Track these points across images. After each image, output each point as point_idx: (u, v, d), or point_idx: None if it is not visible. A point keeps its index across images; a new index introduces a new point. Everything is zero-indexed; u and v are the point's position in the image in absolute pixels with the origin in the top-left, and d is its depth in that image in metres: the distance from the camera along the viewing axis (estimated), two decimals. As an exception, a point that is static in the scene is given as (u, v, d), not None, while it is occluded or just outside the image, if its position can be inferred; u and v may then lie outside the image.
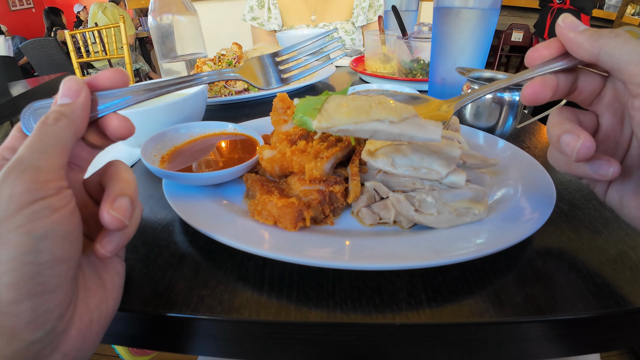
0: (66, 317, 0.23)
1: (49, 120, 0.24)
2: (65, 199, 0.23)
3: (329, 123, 0.28)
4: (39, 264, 0.21)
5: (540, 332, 0.29)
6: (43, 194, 0.21)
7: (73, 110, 0.25)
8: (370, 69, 1.00)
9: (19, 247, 0.20)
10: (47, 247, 0.21)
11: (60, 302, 0.22)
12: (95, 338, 0.25)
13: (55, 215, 0.21)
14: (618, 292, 0.29)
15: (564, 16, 0.27)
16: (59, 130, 0.24)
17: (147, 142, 0.46)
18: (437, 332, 0.28)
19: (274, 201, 0.34)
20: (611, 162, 0.28)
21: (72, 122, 0.25)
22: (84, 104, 0.26)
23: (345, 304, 0.29)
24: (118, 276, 0.29)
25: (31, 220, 0.20)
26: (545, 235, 0.36)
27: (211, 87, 0.85)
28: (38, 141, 0.23)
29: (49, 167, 0.22)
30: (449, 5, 0.62)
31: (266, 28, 1.57)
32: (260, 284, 0.32)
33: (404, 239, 0.32)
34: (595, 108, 0.31)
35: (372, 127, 0.29)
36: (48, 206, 0.21)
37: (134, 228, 0.29)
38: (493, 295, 0.29)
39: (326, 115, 0.28)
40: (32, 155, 0.22)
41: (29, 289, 0.20)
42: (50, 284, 0.21)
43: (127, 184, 0.27)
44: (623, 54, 0.25)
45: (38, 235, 0.21)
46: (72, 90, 0.26)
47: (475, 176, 0.37)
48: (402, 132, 0.29)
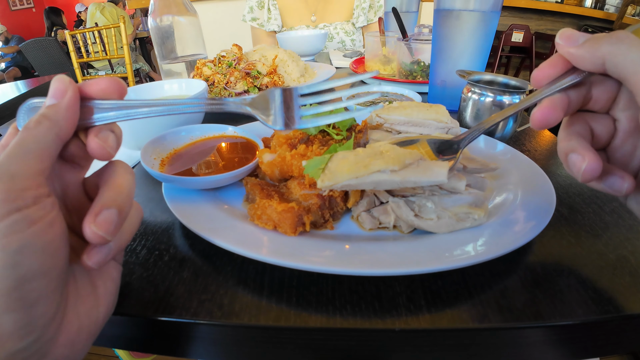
0: (53, 326, 0.22)
1: (30, 124, 0.23)
2: (44, 209, 0.21)
3: (331, 181, 0.30)
4: (16, 279, 0.20)
5: (539, 337, 0.29)
6: (18, 205, 0.20)
7: (56, 111, 0.24)
8: (371, 70, 1.00)
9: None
10: (24, 261, 0.20)
11: (44, 314, 0.21)
12: (84, 344, 0.25)
13: (32, 228, 0.20)
14: (617, 297, 0.29)
15: (562, 32, 0.27)
16: (39, 134, 0.23)
17: (147, 145, 0.46)
18: (437, 337, 0.28)
19: (273, 206, 0.34)
20: (625, 178, 0.27)
21: (54, 124, 0.23)
22: (69, 105, 0.24)
23: (344, 309, 0.29)
24: (112, 282, 0.28)
25: (6, 234, 0.20)
26: (545, 239, 0.36)
27: (211, 88, 0.85)
28: (17, 146, 0.22)
29: (26, 174, 0.21)
30: (449, 8, 0.62)
31: (266, 29, 1.57)
32: (260, 288, 0.32)
33: (403, 243, 0.32)
34: (612, 112, 0.29)
35: (374, 179, 0.30)
36: (24, 218, 0.20)
37: (128, 237, 0.27)
38: (492, 301, 0.29)
39: (329, 174, 0.29)
40: (9, 161, 0.21)
41: (9, 304, 0.20)
42: (29, 298, 0.20)
43: (119, 191, 0.25)
44: (628, 64, 0.23)
45: (13, 249, 0.20)
46: (58, 90, 0.25)
47: (476, 181, 0.37)
48: (405, 179, 0.30)
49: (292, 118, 0.30)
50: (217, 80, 0.84)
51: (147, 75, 4.43)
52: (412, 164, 0.30)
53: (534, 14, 4.11)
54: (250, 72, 0.87)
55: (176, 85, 0.69)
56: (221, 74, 0.85)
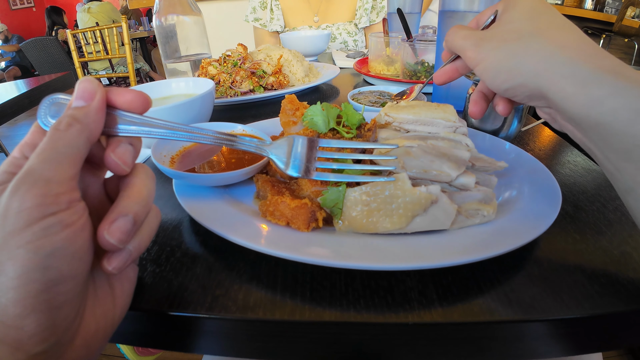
0: (72, 329, 0.22)
1: (61, 125, 0.23)
2: (77, 213, 0.22)
3: (348, 230, 0.34)
4: (46, 282, 0.20)
5: (547, 331, 0.30)
6: (54, 209, 0.21)
7: (86, 114, 0.24)
8: (374, 71, 1.01)
9: (26, 264, 0.19)
10: (55, 264, 0.20)
11: (67, 317, 0.22)
12: (99, 345, 0.25)
13: (65, 232, 0.21)
14: (622, 292, 0.30)
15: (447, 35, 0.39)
16: (71, 137, 0.23)
17: (158, 143, 0.47)
18: (449, 330, 0.29)
19: (286, 202, 0.34)
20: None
21: (85, 127, 0.23)
22: (99, 107, 0.24)
23: (358, 303, 0.30)
24: (129, 282, 0.28)
25: (40, 237, 0.20)
26: (551, 236, 0.37)
27: (217, 87, 0.85)
28: (49, 150, 0.22)
29: (60, 179, 0.21)
30: (454, 9, 0.63)
31: (269, 29, 1.58)
32: (274, 284, 0.32)
33: (414, 239, 0.33)
34: None
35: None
36: (58, 222, 0.21)
37: (147, 241, 0.27)
38: (502, 295, 0.30)
39: (347, 224, 0.34)
40: (43, 165, 0.21)
41: (35, 306, 0.20)
42: (56, 301, 0.21)
43: (137, 198, 0.25)
44: (456, 46, 0.37)
45: (46, 252, 0.20)
46: (87, 92, 0.24)
47: (484, 178, 0.37)
48: (412, 230, 0.33)
49: (309, 169, 0.33)
50: (222, 79, 0.85)
51: (147, 75, 4.43)
52: (417, 215, 0.32)
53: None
54: (255, 71, 0.87)
55: (183, 84, 0.70)
56: (227, 73, 0.85)
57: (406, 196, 0.31)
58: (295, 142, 0.33)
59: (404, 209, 0.31)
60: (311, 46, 1.32)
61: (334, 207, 0.34)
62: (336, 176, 0.33)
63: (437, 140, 0.35)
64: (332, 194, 0.34)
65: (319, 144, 0.33)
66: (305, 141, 0.33)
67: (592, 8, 3.97)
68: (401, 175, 0.32)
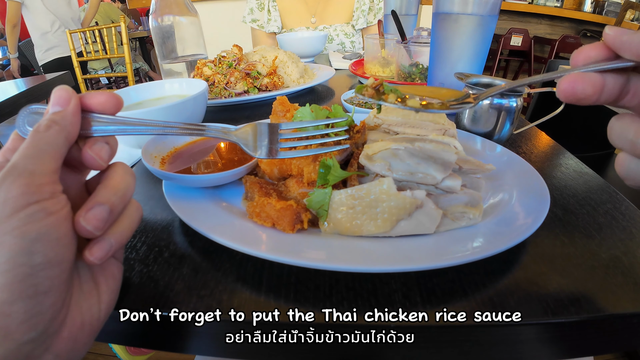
0: (59, 319, 0.23)
1: (41, 127, 0.25)
2: (59, 203, 0.23)
3: (334, 231, 0.35)
4: (32, 266, 0.21)
5: (532, 335, 0.29)
6: (37, 197, 0.22)
7: (63, 117, 0.26)
8: (370, 73, 1.01)
9: (12, 249, 0.21)
10: (40, 249, 0.21)
11: (53, 304, 0.22)
12: (87, 340, 0.26)
13: (49, 218, 0.22)
14: (610, 297, 0.30)
15: (609, 26, 0.25)
16: (51, 137, 0.25)
17: (148, 143, 0.47)
18: (432, 333, 0.29)
19: (272, 203, 0.34)
20: None
21: (63, 128, 0.26)
22: (74, 111, 0.27)
23: (341, 305, 0.30)
24: (113, 280, 0.29)
25: (25, 223, 0.21)
26: (539, 239, 0.37)
27: (211, 88, 0.85)
28: (31, 147, 0.24)
29: (42, 171, 0.23)
30: (447, 11, 0.63)
31: (266, 30, 1.58)
32: (259, 284, 0.32)
33: (399, 241, 0.33)
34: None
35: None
36: (42, 209, 0.22)
37: (127, 233, 0.28)
38: (486, 298, 0.30)
39: (332, 226, 0.34)
40: (27, 160, 0.23)
41: (22, 290, 0.21)
42: (43, 286, 0.22)
43: (114, 190, 0.27)
44: None
45: (32, 237, 0.21)
46: (63, 98, 0.27)
47: (471, 181, 0.37)
48: (396, 233, 0.33)
49: (272, 150, 0.36)
50: (217, 80, 0.85)
51: (146, 74, 4.43)
52: (402, 219, 0.32)
53: (533, 18, 4.14)
54: (250, 72, 0.87)
55: (177, 85, 0.70)
56: (221, 74, 0.85)
57: (391, 200, 0.31)
58: (258, 128, 0.36)
59: (389, 213, 0.31)
60: (308, 47, 1.32)
61: (319, 208, 0.34)
62: (297, 152, 0.36)
63: (425, 142, 0.35)
64: (318, 196, 0.34)
65: (280, 127, 0.36)
66: (267, 127, 0.36)
67: (591, 11, 3.99)
68: (386, 180, 0.32)
